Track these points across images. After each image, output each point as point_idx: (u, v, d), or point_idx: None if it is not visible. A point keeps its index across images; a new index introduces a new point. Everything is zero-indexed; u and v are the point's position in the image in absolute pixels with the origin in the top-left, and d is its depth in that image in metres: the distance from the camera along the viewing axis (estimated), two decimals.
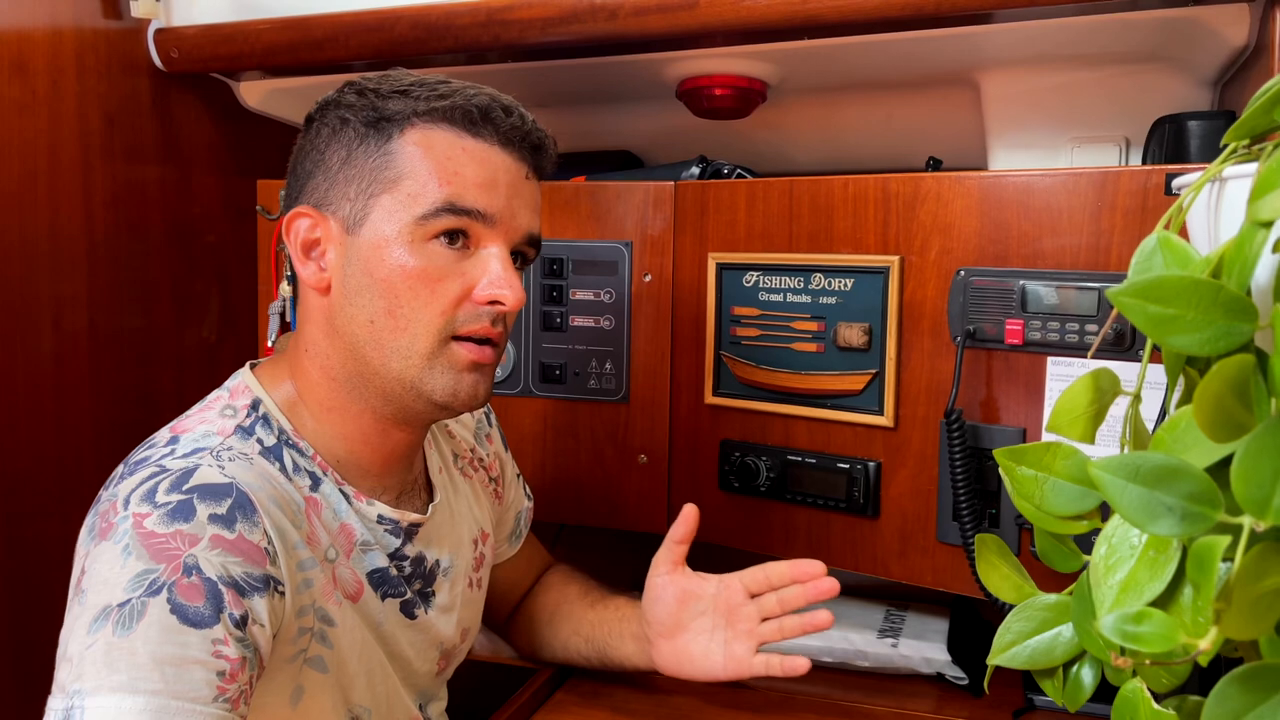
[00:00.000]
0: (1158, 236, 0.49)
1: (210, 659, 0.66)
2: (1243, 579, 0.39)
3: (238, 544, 0.71)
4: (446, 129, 0.79)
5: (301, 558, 0.77)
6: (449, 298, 0.79)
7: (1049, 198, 0.97)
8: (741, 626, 0.97)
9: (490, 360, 0.82)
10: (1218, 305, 0.41)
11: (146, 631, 0.65)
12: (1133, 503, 0.41)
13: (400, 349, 0.79)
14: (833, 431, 1.11)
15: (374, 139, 0.79)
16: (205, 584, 0.68)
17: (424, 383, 0.80)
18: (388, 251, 0.78)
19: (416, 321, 0.78)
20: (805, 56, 1.16)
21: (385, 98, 0.80)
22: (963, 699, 1.12)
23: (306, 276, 0.82)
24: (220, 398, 0.83)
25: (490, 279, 0.79)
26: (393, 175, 0.78)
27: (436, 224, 0.78)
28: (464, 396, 0.81)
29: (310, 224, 0.81)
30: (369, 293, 0.79)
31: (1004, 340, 0.99)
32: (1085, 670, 0.54)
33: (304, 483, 0.81)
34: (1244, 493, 0.38)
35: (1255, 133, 0.48)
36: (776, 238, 1.13)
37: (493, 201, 0.79)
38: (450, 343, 0.80)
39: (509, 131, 0.81)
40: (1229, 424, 0.40)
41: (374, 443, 0.85)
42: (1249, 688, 0.41)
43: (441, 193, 0.78)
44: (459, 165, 0.79)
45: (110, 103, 1.21)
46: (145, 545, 0.68)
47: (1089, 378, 0.52)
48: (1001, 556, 0.57)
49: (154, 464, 0.74)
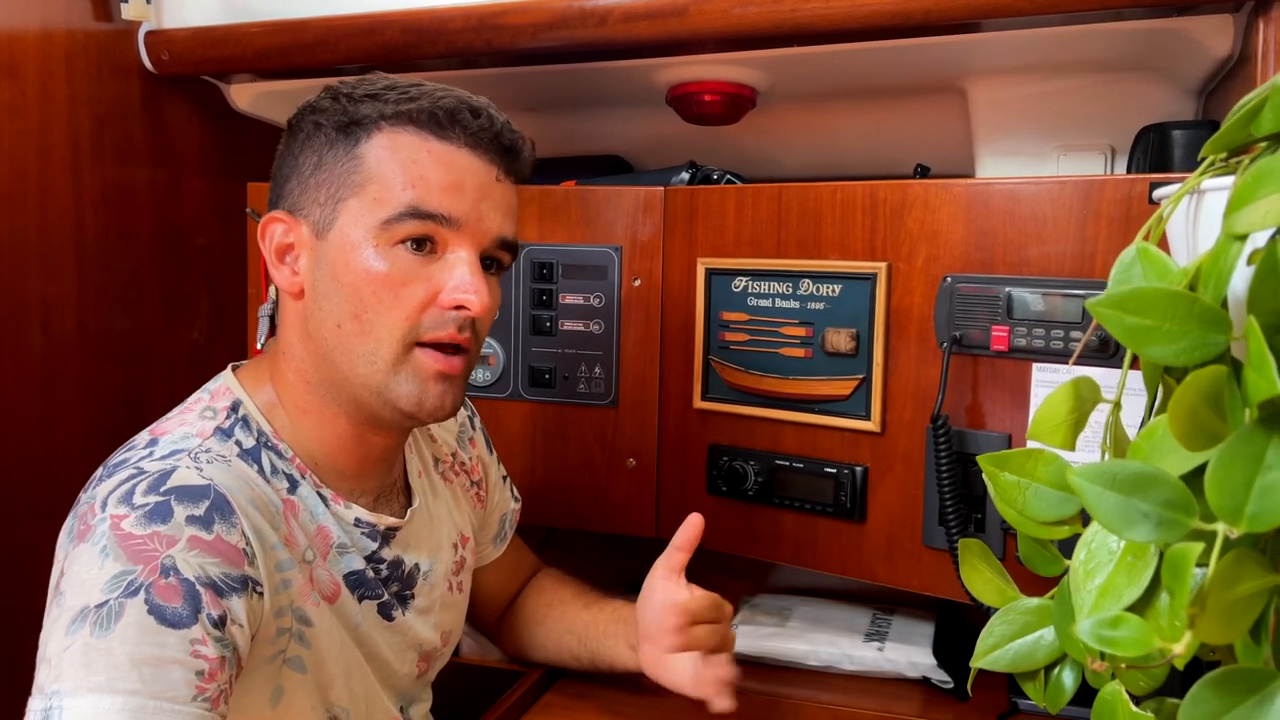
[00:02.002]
0: (1137, 248, 0.49)
1: (188, 659, 0.66)
2: (1217, 584, 0.40)
3: (215, 545, 0.71)
4: (412, 132, 0.79)
5: (280, 559, 0.78)
6: (413, 303, 0.78)
7: (1035, 205, 0.98)
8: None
9: (458, 371, 0.81)
10: (1193, 317, 0.42)
11: (124, 632, 0.65)
12: (1110, 509, 0.42)
13: (365, 354, 0.79)
14: (820, 436, 1.12)
15: (343, 143, 0.79)
16: (183, 585, 0.68)
17: (389, 390, 0.80)
18: (354, 255, 0.78)
19: (381, 326, 0.78)
20: (794, 63, 1.17)
21: (357, 101, 0.80)
22: (948, 702, 1.12)
23: (280, 281, 0.82)
24: (201, 400, 0.84)
25: (455, 283, 0.79)
26: (359, 179, 0.78)
27: (401, 229, 0.78)
28: (429, 406, 0.80)
29: (284, 229, 0.82)
30: (336, 297, 0.79)
31: (990, 346, 1.00)
32: (1066, 673, 0.55)
33: (282, 485, 0.81)
34: (1218, 500, 0.39)
35: (1232, 146, 0.49)
36: (765, 243, 1.14)
37: (458, 205, 0.79)
38: (415, 349, 0.79)
39: (477, 133, 0.80)
40: (1203, 433, 0.40)
41: (350, 446, 0.85)
42: (1224, 691, 0.41)
43: (405, 196, 0.77)
44: (424, 168, 0.78)
45: (101, 105, 1.21)
46: (123, 547, 0.68)
47: (1069, 386, 0.53)
48: (985, 560, 0.58)
49: (132, 466, 0.74)
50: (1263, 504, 0.39)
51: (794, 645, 1.20)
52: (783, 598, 1.37)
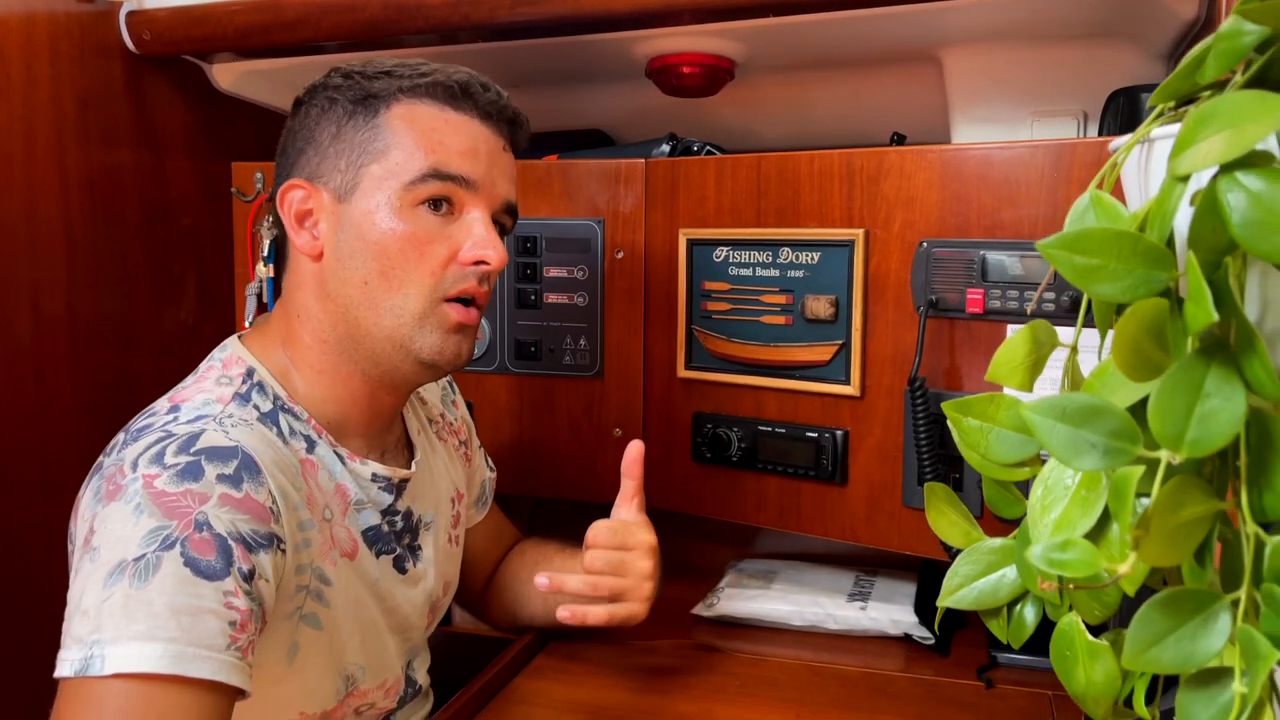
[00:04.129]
0: (1090, 194, 0.51)
1: (223, 609, 0.69)
2: (1161, 509, 0.42)
3: (245, 503, 0.74)
4: (429, 103, 0.85)
5: (302, 518, 0.81)
6: (438, 260, 0.84)
7: (1007, 170, 1.00)
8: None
9: (474, 321, 0.88)
10: (1137, 255, 0.44)
11: (162, 583, 0.68)
12: (1060, 441, 0.44)
13: (394, 308, 0.84)
14: (801, 402, 1.14)
15: (362, 115, 0.85)
16: (216, 539, 0.71)
17: (413, 340, 0.85)
18: (378, 217, 0.83)
19: (409, 282, 0.84)
20: (772, 34, 1.18)
21: (370, 78, 0.86)
22: (930, 657, 1.15)
23: (301, 244, 0.86)
24: (214, 368, 0.86)
25: (475, 240, 0.85)
26: (381, 146, 0.84)
27: (423, 190, 0.83)
28: (449, 355, 0.86)
29: (303, 195, 0.86)
30: (362, 255, 0.84)
31: (965, 309, 1.02)
32: (1028, 609, 0.57)
33: (300, 445, 0.84)
34: (1160, 428, 0.41)
35: (1179, 95, 0.50)
36: (745, 213, 1.16)
37: (475, 168, 0.85)
38: (440, 304, 0.85)
39: (487, 105, 0.87)
40: (1146, 364, 0.42)
41: (362, 404, 0.89)
42: (1170, 611, 0.43)
43: (427, 160, 0.83)
44: (443, 135, 0.84)
45: (84, 86, 1.21)
46: (157, 503, 0.71)
47: (1027, 329, 0.55)
48: (950, 504, 0.60)
49: (159, 430, 0.77)
50: (1202, 430, 0.41)
51: (778, 606, 1.22)
52: (768, 562, 1.40)
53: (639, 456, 1.05)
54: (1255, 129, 0.40)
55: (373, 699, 0.91)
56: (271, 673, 0.79)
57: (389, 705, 0.94)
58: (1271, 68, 0.45)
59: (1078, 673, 0.52)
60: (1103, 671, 0.51)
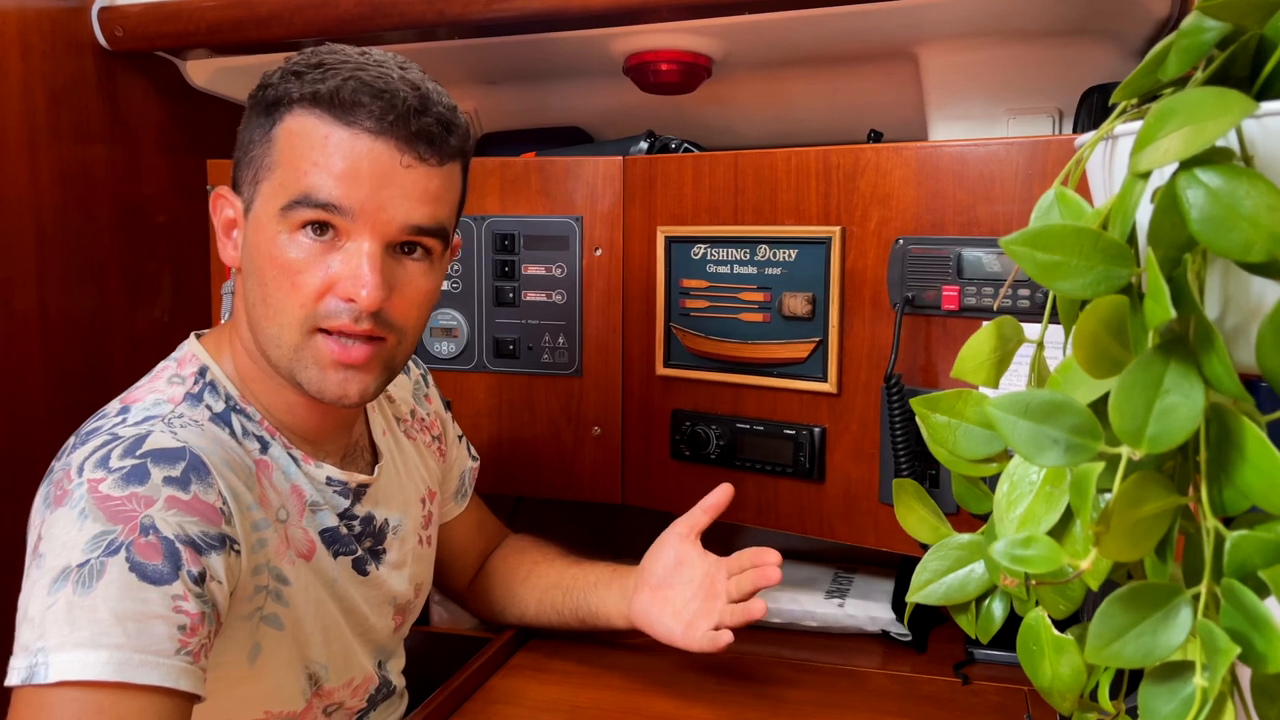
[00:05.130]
0: (1055, 191, 0.51)
1: (171, 614, 0.68)
2: (1121, 505, 0.42)
3: (193, 504, 0.73)
4: (316, 116, 0.77)
5: (255, 518, 0.80)
6: (309, 290, 0.77)
7: (983, 167, 1.00)
8: (712, 606, 1.00)
9: (360, 361, 0.79)
10: (1098, 251, 0.44)
11: (106, 589, 0.67)
12: (1022, 436, 0.44)
13: (272, 337, 0.80)
14: (779, 399, 1.14)
15: (263, 124, 0.80)
16: (163, 543, 0.70)
17: (295, 374, 0.80)
18: (263, 238, 0.79)
19: (282, 311, 0.78)
20: (749, 31, 1.18)
21: (286, 79, 0.79)
22: (907, 654, 1.15)
23: (225, 256, 0.84)
24: (168, 367, 0.85)
25: (348, 275, 0.77)
26: (270, 162, 0.79)
27: (297, 215, 0.77)
28: (331, 395, 0.80)
29: (226, 204, 0.84)
30: (253, 278, 0.80)
31: (941, 306, 1.02)
32: (996, 604, 0.57)
33: (253, 446, 0.83)
34: (1120, 423, 0.41)
35: (1141, 92, 0.50)
36: (723, 210, 1.15)
37: (352, 194, 0.76)
38: (315, 335, 0.79)
39: (379, 117, 0.76)
40: (1106, 359, 0.42)
41: (306, 411, 0.86)
42: (1131, 606, 0.44)
43: (300, 184, 0.76)
44: (320, 155, 0.76)
45: (55, 82, 1.20)
46: (101, 508, 0.70)
47: (993, 325, 0.55)
48: (919, 500, 0.60)
49: (106, 432, 0.76)
50: (1162, 426, 0.41)
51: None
52: None
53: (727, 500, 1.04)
54: (1214, 126, 0.40)
55: (340, 698, 0.90)
56: (233, 674, 0.79)
57: (358, 705, 0.93)
58: (1232, 65, 0.45)
59: (1044, 667, 0.52)
60: (1068, 665, 0.51)
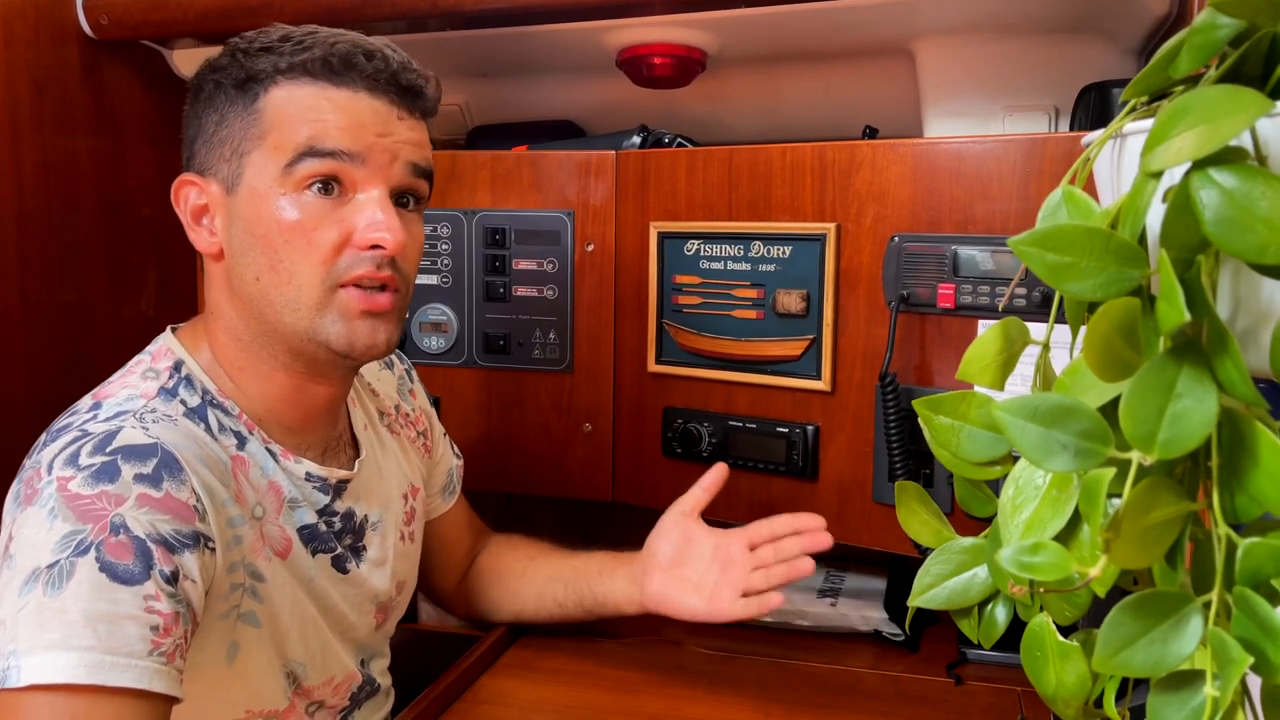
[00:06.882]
0: (1062, 190, 0.50)
1: (143, 614, 0.67)
2: (1131, 511, 0.41)
3: (165, 502, 0.71)
4: (309, 82, 0.79)
5: (230, 515, 0.78)
6: (327, 246, 0.78)
7: (979, 164, 1.00)
8: (732, 574, 1.00)
9: (385, 308, 0.81)
10: (1109, 252, 0.43)
11: (77, 590, 0.65)
12: (1031, 441, 0.43)
13: (289, 303, 0.79)
14: (773, 397, 1.13)
15: (242, 100, 0.80)
16: (134, 542, 0.68)
17: (319, 332, 0.80)
18: (263, 206, 0.78)
19: (298, 274, 0.78)
20: (743, 25, 1.17)
21: (253, 56, 0.80)
22: (899, 654, 1.15)
23: (199, 243, 0.83)
24: (142, 361, 0.84)
25: (368, 222, 0.78)
26: (260, 131, 0.79)
27: (302, 170, 0.77)
28: (361, 345, 0.81)
29: (196, 191, 0.82)
30: (253, 251, 0.79)
31: (937, 305, 1.02)
32: (999, 609, 0.56)
33: (230, 442, 0.81)
34: (1131, 428, 0.40)
35: (1152, 90, 0.50)
36: (717, 206, 1.14)
37: (359, 141, 0.78)
38: (338, 290, 0.79)
39: (373, 75, 0.79)
40: (1117, 363, 0.42)
41: (292, 399, 0.85)
42: (1140, 614, 0.43)
43: (302, 140, 0.77)
44: (321, 113, 0.78)
45: (39, 71, 1.18)
46: (70, 507, 0.68)
47: (998, 326, 0.54)
48: (921, 503, 0.59)
49: (76, 429, 0.74)
50: (1173, 431, 0.40)
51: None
52: None
53: (723, 478, 1.06)
54: (1229, 125, 0.39)
55: (320, 696, 0.88)
56: (212, 673, 0.77)
57: (341, 703, 0.92)
58: (1245, 62, 0.44)
59: (1048, 674, 0.51)
60: (1073, 673, 0.51)
